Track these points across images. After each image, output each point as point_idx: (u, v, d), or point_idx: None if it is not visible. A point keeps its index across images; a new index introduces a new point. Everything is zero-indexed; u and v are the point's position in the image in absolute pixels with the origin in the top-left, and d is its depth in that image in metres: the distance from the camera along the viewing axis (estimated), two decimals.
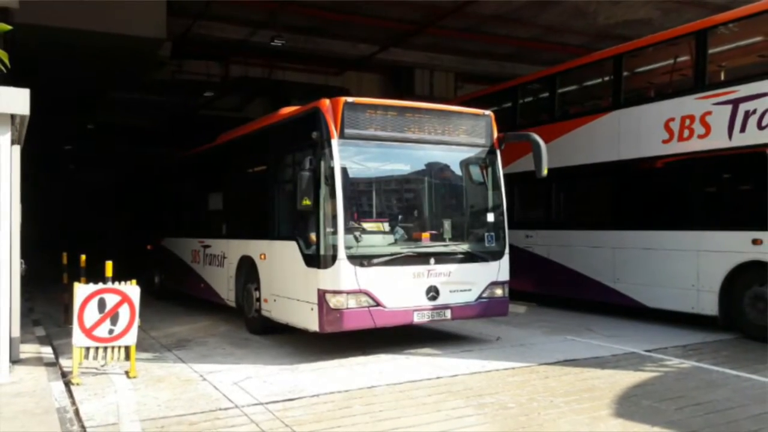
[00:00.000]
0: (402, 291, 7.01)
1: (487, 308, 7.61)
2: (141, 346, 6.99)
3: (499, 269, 7.66)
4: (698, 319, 8.56)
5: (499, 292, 7.65)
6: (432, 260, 7.22)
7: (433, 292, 7.17)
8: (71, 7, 10.67)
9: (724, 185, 8.61)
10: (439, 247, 7.41)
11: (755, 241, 7.69)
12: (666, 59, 9.94)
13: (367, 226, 7.17)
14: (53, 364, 6.56)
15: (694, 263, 8.42)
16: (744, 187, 8.47)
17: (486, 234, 7.78)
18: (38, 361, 6.65)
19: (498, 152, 7.88)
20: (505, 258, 7.73)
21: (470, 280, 7.43)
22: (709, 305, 8.25)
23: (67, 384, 5.80)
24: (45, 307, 10.85)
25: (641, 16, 14.26)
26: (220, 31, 14.58)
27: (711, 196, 8.66)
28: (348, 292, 6.71)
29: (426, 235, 7.46)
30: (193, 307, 11.30)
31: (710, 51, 8.52)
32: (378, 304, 6.86)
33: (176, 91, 17.61)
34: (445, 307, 7.27)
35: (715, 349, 7.48)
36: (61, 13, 10.64)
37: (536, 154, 7.56)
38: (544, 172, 7.58)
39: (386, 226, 7.40)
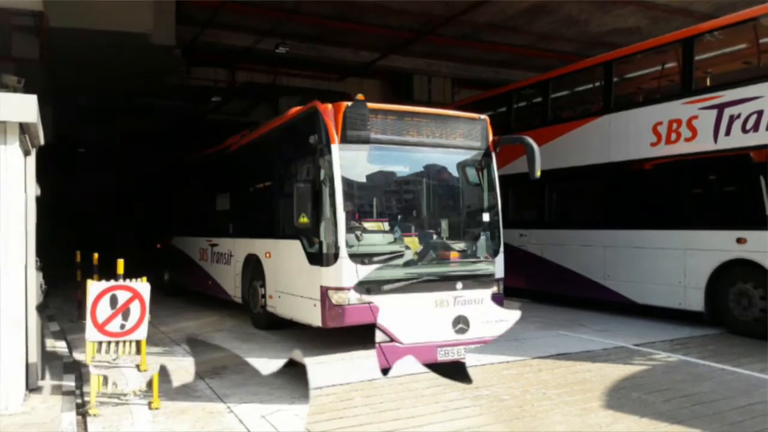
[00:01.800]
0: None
1: None
2: (151, 340, 7.06)
3: (495, 267, 7.77)
4: (685, 314, 8.71)
5: (494, 288, 7.72)
6: None
7: None
8: (77, 9, 10.86)
9: (710, 187, 8.75)
10: None
11: (739, 240, 7.90)
12: (654, 65, 10.16)
13: (367, 225, 7.29)
14: (71, 392, 5.84)
15: (681, 261, 8.62)
16: (729, 188, 8.65)
17: (482, 233, 7.91)
18: (57, 389, 5.91)
19: (493, 155, 7.99)
20: (500, 256, 7.84)
21: None
22: (696, 301, 8.45)
23: (84, 415, 5.26)
24: (59, 304, 10.86)
25: (631, 24, 14.50)
26: (227, 38, 14.85)
27: (697, 197, 8.85)
28: (349, 289, 6.86)
29: None
30: (201, 304, 11.44)
31: (696, 58, 8.73)
32: None
33: (185, 96, 17.89)
34: None
35: (701, 343, 7.62)
36: (67, 15, 10.85)
37: (530, 157, 7.69)
38: (538, 173, 7.70)
39: (385, 226, 7.51)
